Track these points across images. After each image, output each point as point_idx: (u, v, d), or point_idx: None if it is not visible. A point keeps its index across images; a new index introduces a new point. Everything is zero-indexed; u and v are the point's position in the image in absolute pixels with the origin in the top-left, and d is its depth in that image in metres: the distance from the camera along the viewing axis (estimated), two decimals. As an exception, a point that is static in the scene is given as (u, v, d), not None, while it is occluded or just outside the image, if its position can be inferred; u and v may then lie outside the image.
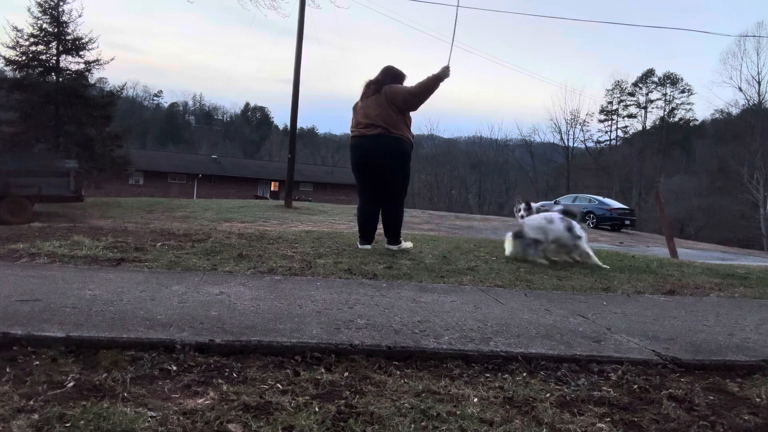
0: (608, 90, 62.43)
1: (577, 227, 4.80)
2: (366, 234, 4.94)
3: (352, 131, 4.96)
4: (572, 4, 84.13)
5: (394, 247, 4.86)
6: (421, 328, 2.34)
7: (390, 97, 4.70)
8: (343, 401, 1.63)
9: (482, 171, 62.14)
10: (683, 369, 2.14)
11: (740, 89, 45.92)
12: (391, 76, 4.85)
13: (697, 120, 59.59)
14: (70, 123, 19.96)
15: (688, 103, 59.69)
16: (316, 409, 1.56)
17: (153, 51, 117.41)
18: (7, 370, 1.70)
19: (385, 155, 4.73)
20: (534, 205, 5.88)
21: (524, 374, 1.98)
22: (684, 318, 2.94)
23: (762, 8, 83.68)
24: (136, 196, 28.18)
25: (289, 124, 19.63)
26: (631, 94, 61.39)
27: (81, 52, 20.59)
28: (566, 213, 4.94)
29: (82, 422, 1.39)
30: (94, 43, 20.71)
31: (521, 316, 2.69)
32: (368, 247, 4.85)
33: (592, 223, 21.58)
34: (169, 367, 1.79)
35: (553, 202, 25.92)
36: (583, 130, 60.29)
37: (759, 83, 44.32)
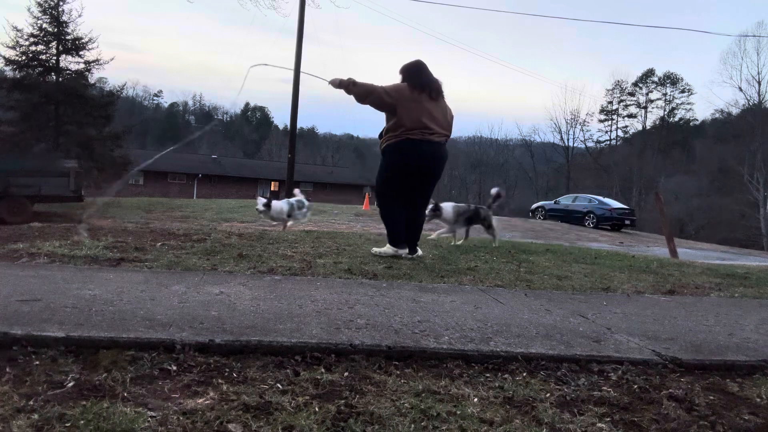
0: (608, 90, 62.48)
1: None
2: (404, 239, 4.61)
3: (424, 133, 4.43)
4: (572, 3, 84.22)
5: (420, 253, 4.65)
6: (421, 328, 2.34)
7: (449, 109, 4.73)
8: (343, 401, 1.63)
9: (482, 171, 62.11)
10: (683, 369, 2.14)
11: (740, 89, 45.90)
12: None
13: (697, 120, 59.62)
14: (70, 123, 19.94)
15: (688, 103, 59.70)
16: (316, 409, 1.56)
17: (153, 51, 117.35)
18: (7, 370, 1.70)
19: (444, 164, 4.76)
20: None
21: (524, 374, 1.97)
22: (684, 318, 2.94)
23: (762, 8, 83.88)
24: (136, 196, 28.14)
25: (289, 124, 19.63)
26: (631, 94, 61.42)
27: (81, 52, 20.57)
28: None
29: (82, 422, 1.39)
30: (93, 42, 20.72)
31: (521, 316, 2.69)
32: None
33: (593, 223, 21.57)
34: (169, 367, 1.79)
35: (553, 201, 26.00)
36: (583, 130, 60.38)
37: (759, 83, 44.31)
